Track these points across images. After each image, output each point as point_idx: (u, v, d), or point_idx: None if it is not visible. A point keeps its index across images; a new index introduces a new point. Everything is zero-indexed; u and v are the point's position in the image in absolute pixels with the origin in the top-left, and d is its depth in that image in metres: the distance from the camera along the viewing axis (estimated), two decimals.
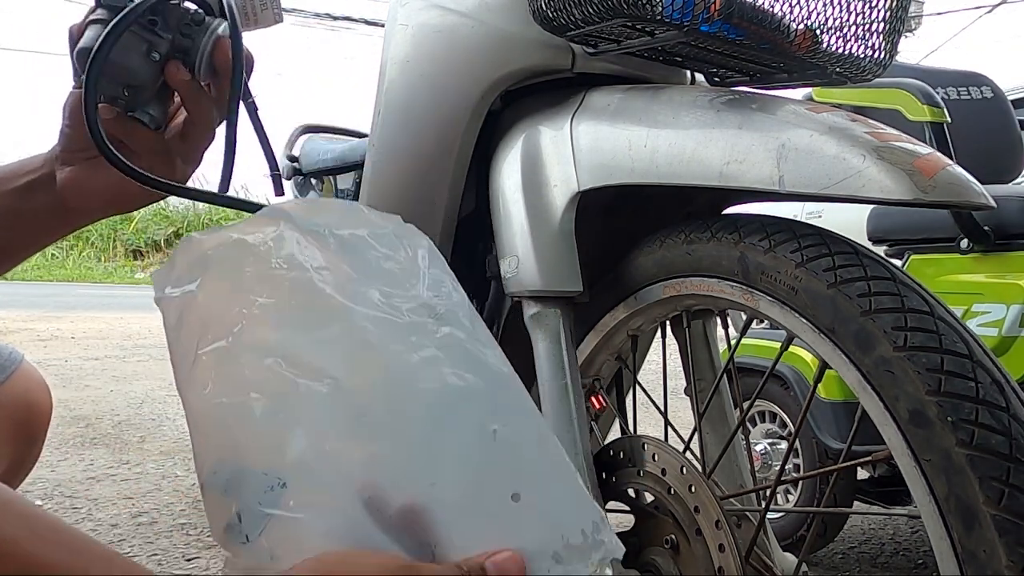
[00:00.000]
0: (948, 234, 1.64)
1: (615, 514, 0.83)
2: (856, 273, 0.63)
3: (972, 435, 0.55)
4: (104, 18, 0.63)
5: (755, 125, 0.67)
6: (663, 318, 0.89)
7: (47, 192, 0.70)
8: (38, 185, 0.69)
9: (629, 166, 0.75)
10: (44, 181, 0.69)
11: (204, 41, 0.65)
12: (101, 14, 0.64)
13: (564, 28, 0.77)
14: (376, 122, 0.98)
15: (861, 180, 0.59)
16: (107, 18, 0.63)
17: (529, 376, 0.88)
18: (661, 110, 0.75)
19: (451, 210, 0.94)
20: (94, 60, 0.61)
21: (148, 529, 1.97)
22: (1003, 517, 0.53)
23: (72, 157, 0.68)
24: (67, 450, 2.66)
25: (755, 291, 0.71)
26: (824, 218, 3.36)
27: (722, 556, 0.72)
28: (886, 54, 0.79)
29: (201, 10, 0.66)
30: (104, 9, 0.64)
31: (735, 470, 0.89)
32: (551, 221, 0.82)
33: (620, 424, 0.97)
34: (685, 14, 0.70)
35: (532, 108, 0.89)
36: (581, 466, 0.79)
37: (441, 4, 0.93)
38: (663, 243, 0.80)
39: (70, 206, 0.70)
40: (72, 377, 4.01)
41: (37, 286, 10.22)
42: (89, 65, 0.61)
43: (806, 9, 0.74)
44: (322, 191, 1.74)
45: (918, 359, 0.58)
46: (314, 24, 15.71)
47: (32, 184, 0.69)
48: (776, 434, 1.97)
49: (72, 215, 0.71)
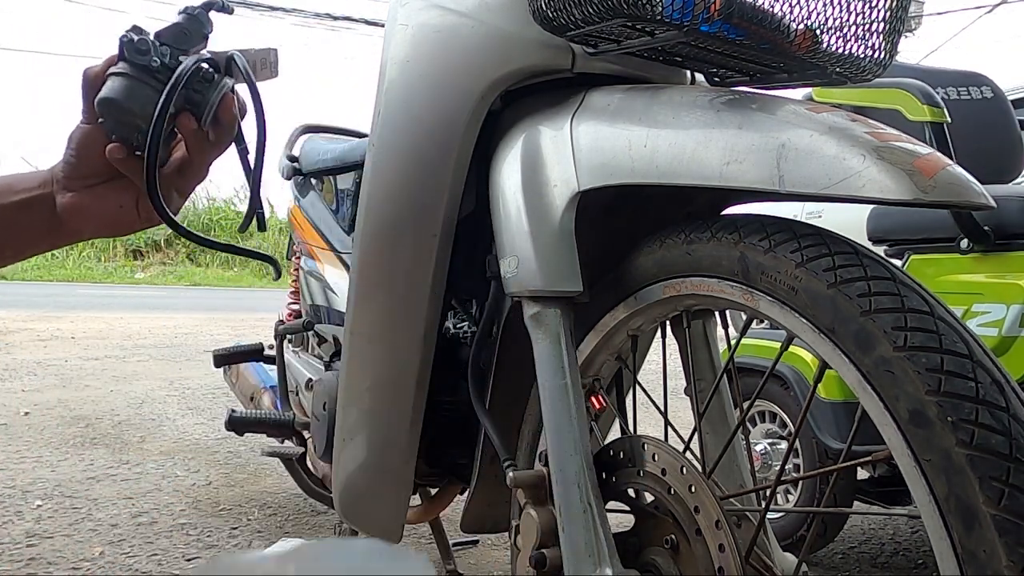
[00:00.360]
0: (948, 234, 1.64)
1: (615, 514, 0.83)
2: (856, 273, 0.63)
3: (972, 435, 0.55)
4: (126, 72, 0.70)
5: (755, 125, 0.67)
6: (663, 318, 0.89)
7: (42, 211, 0.74)
8: (35, 203, 0.73)
9: (629, 166, 0.75)
10: (41, 200, 0.73)
11: (213, 97, 0.73)
12: (123, 68, 0.71)
13: (564, 28, 0.77)
14: (376, 122, 0.98)
15: (861, 180, 0.59)
16: (129, 72, 0.70)
17: (529, 376, 0.88)
18: (661, 110, 0.75)
19: (451, 210, 0.94)
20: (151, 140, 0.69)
21: (148, 529, 1.97)
22: (1003, 517, 0.53)
23: (74, 184, 0.73)
24: (67, 450, 2.66)
25: (755, 291, 0.71)
26: (824, 218, 3.36)
27: (722, 556, 0.72)
28: (886, 54, 0.79)
29: (212, 69, 0.74)
30: (127, 64, 0.71)
31: (735, 470, 0.89)
32: (551, 221, 0.82)
33: (620, 424, 0.97)
34: (685, 14, 0.70)
35: (532, 108, 0.89)
36: (581, 466, 0.79)
37: (441, 4, 0.93)
38: (663, 243, 0.80)
39: (67, 228, 0.74)
40: (72, 377, 4.01)
41: (37, 286, 10.22)
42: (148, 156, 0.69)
43: (806, 9, 0.74)
44: (322, 191, 1.74)
45: (918, 359, 0.58)
46: (314, 24, 15.70)
47: (29, 201, 0.73)
48: (776, 434, 1.97)
49: (65, 235, 0.76)
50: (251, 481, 2.42)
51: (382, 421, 1.05)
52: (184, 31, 0.76)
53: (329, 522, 2.08)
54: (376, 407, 1.06)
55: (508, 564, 0.95)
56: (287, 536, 1.97)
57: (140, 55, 0.71)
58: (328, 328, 1.57)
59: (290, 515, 2.13)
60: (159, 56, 0.72)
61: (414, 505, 1.34)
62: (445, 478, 1.31)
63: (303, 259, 1.80)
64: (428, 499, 1.43)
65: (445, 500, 1.41)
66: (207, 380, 4.02)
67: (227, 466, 2.57)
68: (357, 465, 1.08)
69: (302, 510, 2.17)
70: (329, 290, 1.62)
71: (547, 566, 0.81)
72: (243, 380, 2.04)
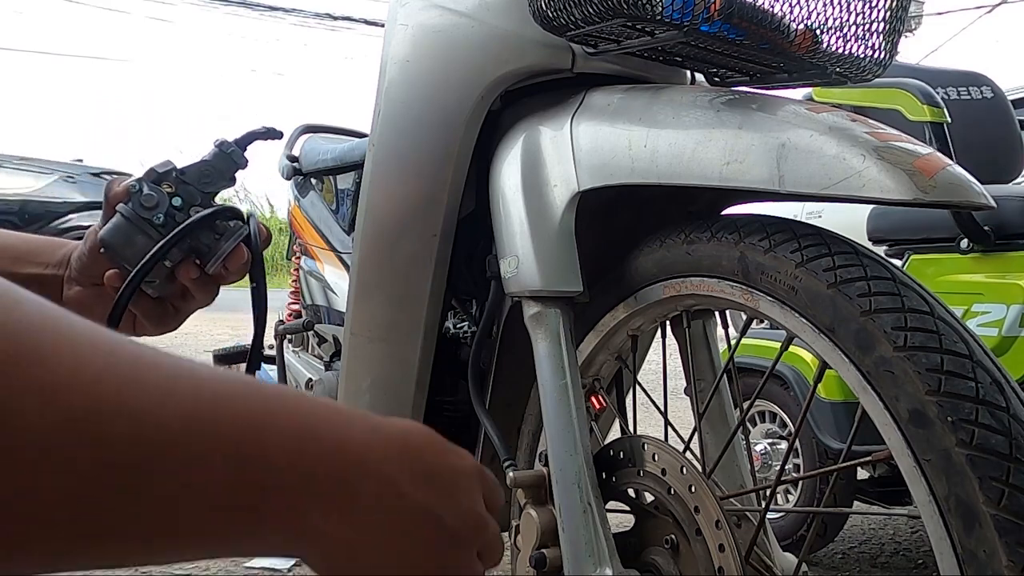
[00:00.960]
0: (948, 234, 1.64)
1: (615, 514, 0.83)
2: (856, 273, 0.63)
3: (972, 435, 0.55)
4: (129, 217, 0.70)
5: (755, 125, 0.67)
6: (663, 318, 0.89)
7: (49, 292, 0.73)
8: (46, 282, 0.74)
9: (629, 166, 0.75)
10: (52, 281, 0.74)
11: (225, 246, 0.70)
12: (128, 211, 0.70)
13: (564, 28, 0.77)
14: (376, 122, 0.98)
15: (861, 180, 0.59)
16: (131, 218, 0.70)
17: (529, 376, 0.88)
18: (661, 110, 0.75)
19: (451, 210, 0.94)
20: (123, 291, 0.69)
21: None
22: (1003, 517, 0.53)
23: (83, 279, 0.73)
24: None
25: (755, 291, 0.71)
26: (824, 218, 3.36)
27: (722, 556, 0.72)
28: (886, 54, 0.79)
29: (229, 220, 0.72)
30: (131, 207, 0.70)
31: (735, 470, 0.89)
32: (551, 221, 0.82)
33: (620, 424, 0.97)
34: (685, 14, 0.70)
35: (532, 108, 0.89)
36: (581, 466, 0.79)
37: (441, 4, 0.93)
38: (663, 243, 0.80)
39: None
40: None
41: None
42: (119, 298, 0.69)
43: (806, 9, 0.74)
44: (322, 191, 1.74)
45: (918, 359, 0.58)
46: (314, 24, 15.72)
47: (41, 279, 0.73)
48: (776, 434, 1.97)
49: None
50: None
51: None
52: (211, 170, 0.73)
53: None
54: (376, 407, 1.06)
55: (508, 564, 0.96)
56: None
57: (145, 209, 0.70)
58: (328, 328, 1.57)
59: None
60: (165, 213, 0.70)
61: None
62: None
63: (303, 259, 1.80)
64: None
65: None
66: None
67: None
68: None
69: None
70: (329, 290, 1.62)
71: (547, 566, 0.81)
72: None
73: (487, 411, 0.99)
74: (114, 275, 0.71)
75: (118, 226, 0.70)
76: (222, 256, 0.71)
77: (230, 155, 0.74)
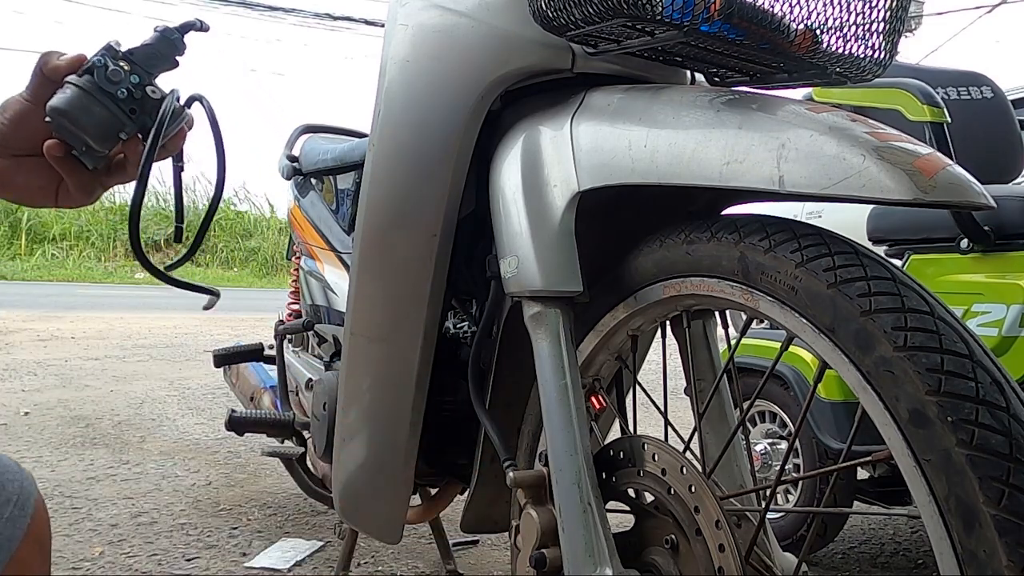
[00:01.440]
0: (948, 234, 1.64)
1: (615, 514, 0.83)
2: (856, 273, 0.63)
3: (972, 435, 0.55)
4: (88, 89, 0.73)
5: (755, 125, 0.67)
6: (663, 318, 0.89)
7: None
8: None
9: (629, 166, 0.75)
10: None
11: (171, 129, 0.76)
12: (87, 83, 0.73)
13: (564, 28, 0.77)
14: (376, 122, 0.98)
15: (861, 180, 0.59)
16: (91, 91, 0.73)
17: (529, 376, 0.88)
18: (661, 110, 0.75)
19: (451, 210, 0.94)
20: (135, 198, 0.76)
21: (148, 529, 1.97)
22: (1003, 517, 0.53)
23: (1, 150, 0.75)
24: (67, 450, 2.66)
25: (755, 291, 0.71)
26: (824, 218, 3.36)
27: (722, 556, 0.72)
28: (886, 54, 0.79)
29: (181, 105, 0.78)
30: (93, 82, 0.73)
31: (735, 470, 0.89)
32: (551, 221, 0.82)
33: (620, 424, 0.97)
34: (685, 14, 0.70)
35: (532, 108, 0.89)
36: (581, 466, 0.79)
37: (441, 4, 0.93)
38: (663, 243, 0.80)
39: None
40: (72, 377, 4.01)
41: (37, 286, 10.22)
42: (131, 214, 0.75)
43: (806, 9, 0.74)
44: (322, 191, 1.74)
45: (918, 359, 0.58)
46: (314, 24, 15.70)
47: None
48: (776, 434, 1.97)
49: None
50: (251, 481, 2.42)
51: (382, 421, 1.05)
52: (157, 53, 0.78)
53: (329, 522, 2.08)
54: (376, 407, 1.06)
55: (508, 564, 0.95)
56: (287, 536, 1.97)
57: (110, 84, 0.73)
58: (328, 328, 1.57)
59: (290, 515, 2.13)
60: (127, 86, 0.74)
61: (414, 505, 1.34)
62: (445, 478, 1.31)
63: (303, 259, 1.80)
64: (428, 499, 1.43)
65: (445, 500, 1.41)
66: (207, 380, 4.02)
67: (227, 466, 2.57)
68: (357, 465, 1.08)
69: (302, 510, 2.17)
70: (329, 290, 1.62)
71: (547, 566, 0.81)
72: (243, 380, 2.04)
73: (487, 411, 1.00)
74: (56, 145, 0.73)
75: (77, 97, 0.73)
76: (169, 135, 0.76)
77: (173, 41, 0.79)
